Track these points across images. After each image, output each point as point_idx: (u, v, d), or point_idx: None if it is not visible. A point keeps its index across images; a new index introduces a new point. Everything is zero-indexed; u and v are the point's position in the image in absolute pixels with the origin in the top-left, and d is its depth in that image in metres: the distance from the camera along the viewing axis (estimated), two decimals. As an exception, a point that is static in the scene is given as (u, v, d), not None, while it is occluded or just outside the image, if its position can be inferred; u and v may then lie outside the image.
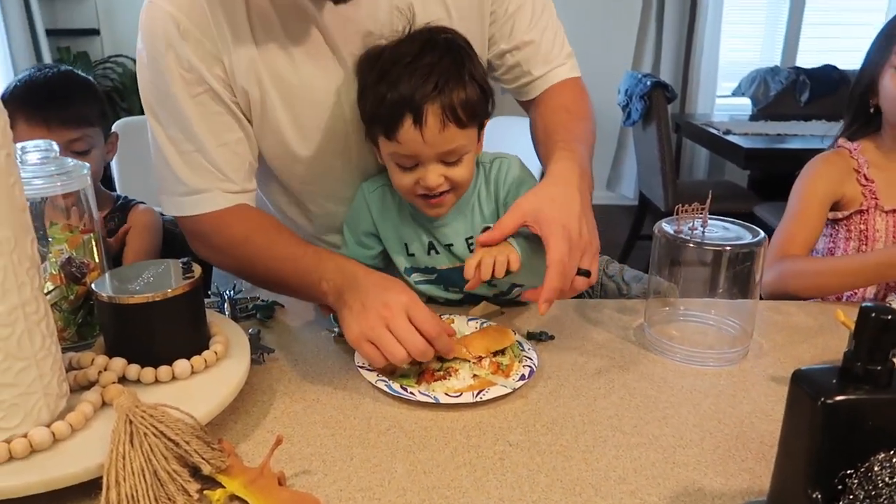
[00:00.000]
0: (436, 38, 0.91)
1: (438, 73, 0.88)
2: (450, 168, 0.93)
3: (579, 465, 0.69)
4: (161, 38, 0.89)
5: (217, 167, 0.94)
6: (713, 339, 0.96)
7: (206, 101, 0.92)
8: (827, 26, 4.21)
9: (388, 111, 0.88)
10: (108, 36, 3.95)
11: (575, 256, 0.80)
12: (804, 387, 0.54)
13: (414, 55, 0.88)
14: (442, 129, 0.88)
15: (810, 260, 1.21)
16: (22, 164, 0.76)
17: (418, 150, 0.90)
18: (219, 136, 0.94)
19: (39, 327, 0.62)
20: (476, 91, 0.91)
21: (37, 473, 0.59)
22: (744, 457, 0.71)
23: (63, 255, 0.79)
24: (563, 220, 0.80)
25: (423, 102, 0.87)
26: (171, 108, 0.92)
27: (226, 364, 0.77)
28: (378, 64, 0.90)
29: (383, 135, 0.91)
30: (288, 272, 0.92)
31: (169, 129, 0.93)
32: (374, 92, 0.90)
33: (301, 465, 0.69)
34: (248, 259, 0.96)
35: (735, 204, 2.99)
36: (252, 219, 0.97)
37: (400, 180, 0.94)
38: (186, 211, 0.97)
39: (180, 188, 0.95)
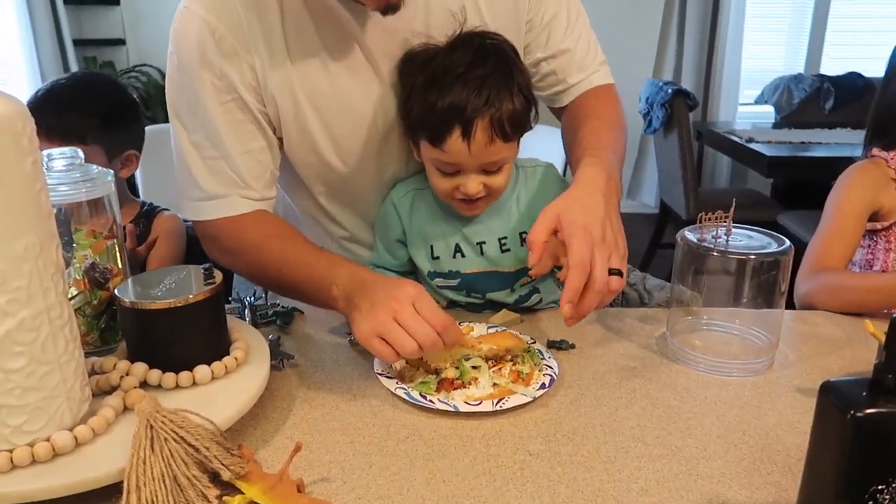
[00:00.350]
0: (487, 46, 0.92)
1: (490, 86, 0.89)
2: (489, 177, 0.95)
3: (601, 476, 0.68)
4: (194, 44, 0.89)
5: (239, 174, 0.95)
6: (737, 349, 0.95)
7: (234, 109, 0.93)
8: (851, 33, 4.16)
9: (436, 120, 0.89)
10: (134, 46, 4.02)
11: (601, 257, 0.78)
12: (833, 399, 0.53)
13: (466, 65, 0.89)
14: (489, 143, 0.90)
15: (849, 275, 1.18)
16: (48, 171, 0.77)
17: (462, 161, 0.92)
18: (243, 144, 0.94)
19: (63, 332, 0.63)
20: (522, 102, 0.92)
21: (59, 477, 0.60)
22: (769, 470, 0.70)
23: (87, 261, 0.80)
24: (585, 222, 0.79)
25: (474, 116, 0.88)
26: (198, 113, 0.92)
27: (246, 370, 0.77)
28: (429, 70, 0.91)
29: (428, 141, 0.92)
30: (300, 278, 0.92)
31: (193, 135, 0.94)
32: (422, 98, 0.90)
33: (320, 472, 0.69)
34: (261, 264, 0.96)
35: (758, 213, 2.95)
36: (267, 224, 0.98)
37: (439, 184, 0.96)
38: (204, 216, 0.97)
39: (199, 193, 0.96)
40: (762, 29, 4.12)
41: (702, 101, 4.05)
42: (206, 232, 1.00)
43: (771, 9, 4.15)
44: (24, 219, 0.59)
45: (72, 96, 1.28)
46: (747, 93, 4.11)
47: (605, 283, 0.77)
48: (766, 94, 3.90)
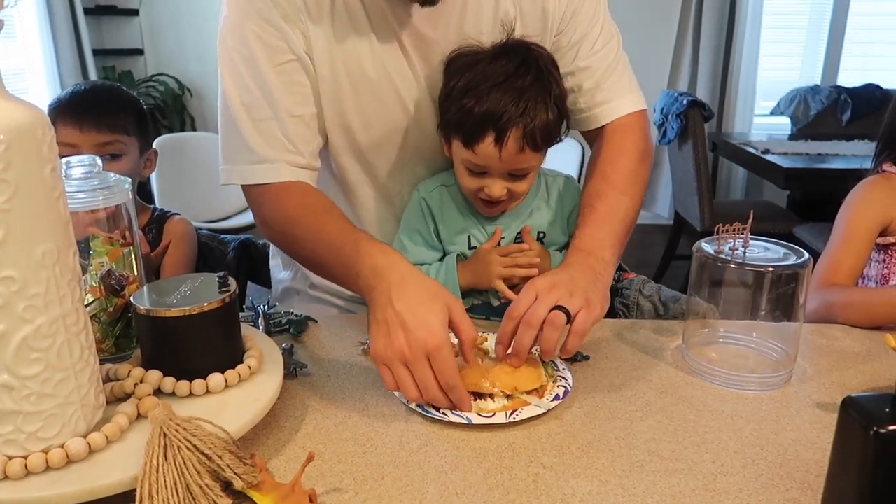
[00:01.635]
0: (530, 58, 0.95)
1: (528, 98, 0.92)
2: (514, 182, 0.99)
3: (615, 490, 0.68)
4: (250, 4, 0.92)
5: (289, 137, 0.96)
6: (755, 362, 0.93)
7: (290, 71, 0.95)
8: (869, 45, 4.12)
9: (472, 124, 0.93)
10: (152, 55, 4.07)
11: (547, 298, 0.80)
12: (855, 415, 0.52)
13: (507, 75, 0.92)
14: (520, 151, 0.94)
15: (860, 291, 1.17)
16: (66, 178, 0.78)
17: (491, 165, 0.96)
18: (296, 107, 0.96)
19: (79, 339, 0.63)
20: (556, 115, 0.96)
21: (72, 484, 0.60)
22: (788, 486, 0.69)
23: (103, 268, 0.81)
24: (537, 282, 0.83)
25: (509, 125, 0.91)
26: (252, 73, 0.94)
27: (259, 379, 0.77)
28: (470, 75, 0.94)
29: (461, 142, 0.96)
30: (331, 261, 0.91)
31: (245, 95, 0.95)
32: (461, 101, 0.93)
33: (332, 482, 0.68)
34: (296, 240, 0.97)
35: (774, 225, 2.93)
36: (307, 197, 0.97)
37: (465, 182, 1.01)
38: (249, 179, 0.98)
39: (247, 156, 0.97)
40: (779, 40, 4.10)
41: (717, 111, 4.03)
42: (251, 198, 1.01)
43: (788, 19, 4.13)
44: (42, 225, 0.59)
45: (111, 95, 1.35)
46: (763, 104, 4.09)
47: (537, 317, 0.79)
48: (782, 106, 3.88)
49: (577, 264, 0.89)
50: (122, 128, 1.28)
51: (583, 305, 0.81)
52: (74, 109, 1.25)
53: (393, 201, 1.13)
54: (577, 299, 0.81)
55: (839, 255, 1.19)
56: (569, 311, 0.80)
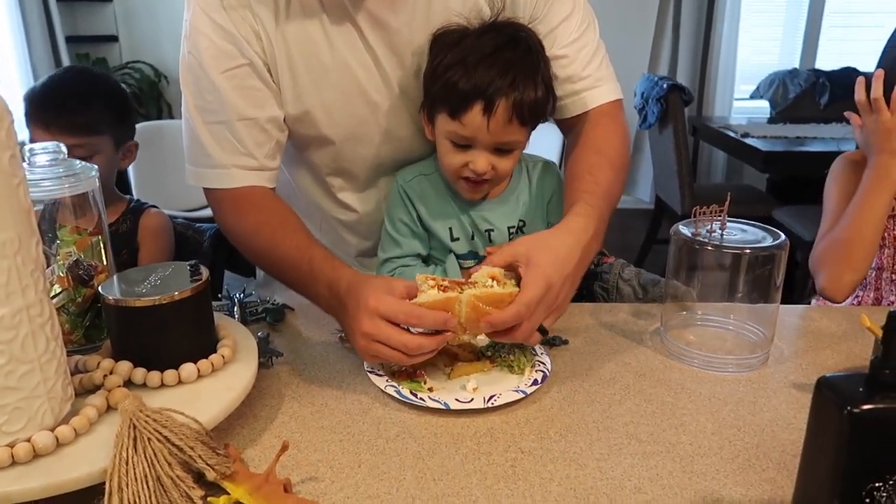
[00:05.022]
0: (519, 36, 0.95)
1: (517, 70, 0.91)
2: (499, 158, 0.97)
3: (593, 473, 0.67)
4: (203, 8, 0.92)
5: (240, 141, 0.96)
6: (732, 344, 0.94)
7: (241, 75, 0.94)
8: (847, 28, 4.15)
9: (460, 93, 0.91)
10: (127, 42, 3.99)
11: (541, 313, 0.78)
12: (829, 394, 0.52)
13: (495, 48, 0.92)
14: (507, 122, 0.93)
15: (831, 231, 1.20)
16: (30, 166, 0.76)
17: (478, 136, 0.94)
18: (248, 111, 0.95)
19: (44, 330, 0.62)
20: (544, 93, 0.95)
21: (40, 478, 0.58)
22: (765, 466, 0.69)
23: (71, 258, 0.79)
24: (551, 274, 0.79)
25: (498, 94, 0.90)
26: (203, 77, 0.94)
27: (233, 368, 0.76)
28: (458, 49, 0.93)
29: (448, 114, 0.94)
30: (288, 277, 0.94)
31: (198, 99, 0.95)
32: (448, 74, 0.92)
33: (308, 471, 0.68)
34: (255, 251, 0.98)
35: (753, 208, 2.94)
36: (263, 210, 0.97)
37: (450, 159, 0.98)
38: (205, 182, 0.99)
39: (204, 159, 0.97)
40: (757, 24, 4.11)
41: (697, 96, 4.04)
42: (210, 201, 1.02)
43: (766, 3, 4.13)
44: (2, 214, 0.57)
45: (81, 89, 1.28)
46: (743, 88, 4.10)
47: (525, 337, 0.78)
48: (761, 89, 3.90)
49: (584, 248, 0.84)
50: (91, 129, 1.23)
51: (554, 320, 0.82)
52: (44, 110, 1.22)
53: (370, 193, 1.11)
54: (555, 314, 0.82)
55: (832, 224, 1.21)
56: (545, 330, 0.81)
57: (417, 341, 0.76)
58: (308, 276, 0.88)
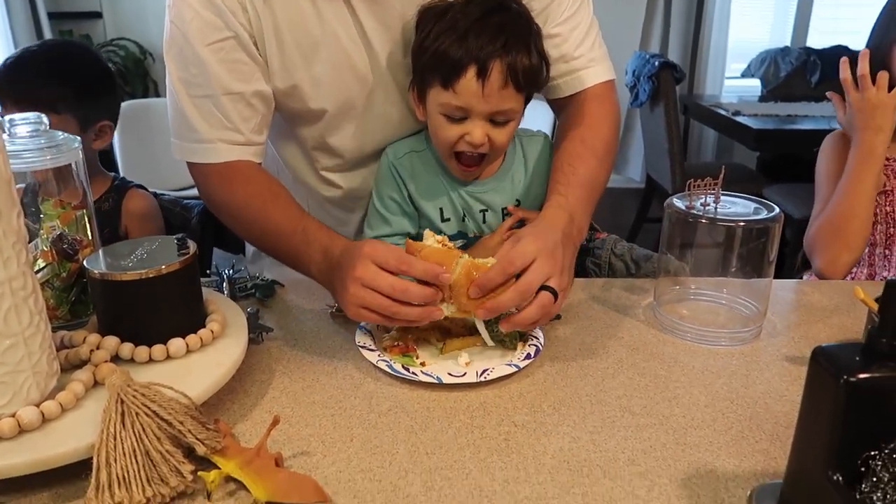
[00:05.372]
0: (507, 3, 0.93)
1: (508, 33, 0.89)
2: (495, 129, 0.94)
3: (587, 446, 0.67)
4: None
5: (226, 115, 0.93)
6: (725, 318, 0.93)
7: (227, 48, 0.91)
8: (838, 6, 4.13)
9: (452, 60, 0.89)
10: (111, 18, 3.91)
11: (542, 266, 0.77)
12: (825, 364, 0.52)
13: (484, 13, 0.90)
14: (503, 86, 0.90)
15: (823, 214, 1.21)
16: (11, 137, 0.74)
17: (473, 104, 0.91)
18: (234, 84, 0.93)
19: (27, 304, 0.60)
20: (538, 60, 0.93)
21: (26, 454, 0.57)
22: (757, 438, 0.69)
23: (55, 232, 0.77)
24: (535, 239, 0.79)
25: (491, 57, 0.88)
26: (188, 50, 0.91)
27: (223, 343, 0.75)
28: (445, 19, 0.90)
29: (440, 84, 0.91)
30: (280, 247, 0.93)
31: (181, 72, 0.93)
32: (437, 42, 0.90)
33: (299, 445, 0.67)
34: (245, 223, 0.97)
35: (744, 186, 2.94)
36: (253, 182, 0.96)
37: (445, 133, 0.95)
38: (191, 157, 0.97)
39: (189, 134, 0.95)
40: (749, 2, 4.08)
41: (688, 73, 4.02)
42: (196, 175, 0.99)
43: (758, -19, 4.11)
44: (-20, 184, 0.56)
45: (43, 65, 1.24)
46: (734, 66, 4.08)
47: (532, 289, 0.76)
48: (752, 67, 3.89)
49: (564, 229, 0.84)
50: (51, 106, 1.17)
51: (566, 288, 0.79)
52: (10, 84, 1.18)
53: (356, 172, 1.09)
54: (565, 279, 0.79)
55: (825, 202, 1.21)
56: (556, 292, 0.77)
57: (404, 284, 0.75)
58: (302, 245, 0.88)
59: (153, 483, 0.57)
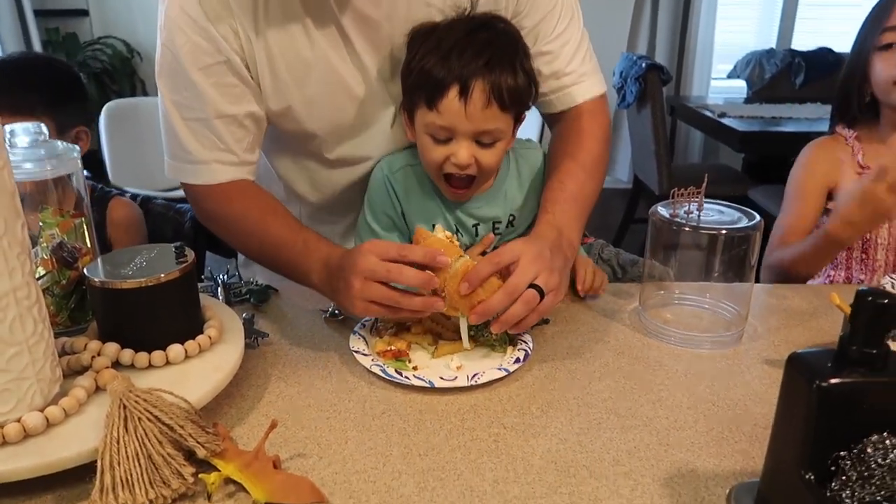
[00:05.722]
0: (494, 23, 0.93)
1: (492, 51, 0.89)
2: (482, 150, 0.93)
3: (574, 447, 0.70)
4: (180, 5, 0.89)
5: (219, 137, 0.94)
6: (708, 322, 0.96)
7: (219, 73, 0.92)
8: (822, 8, 4.18)
9: (435, 79, 0.89)
10: (98, 17, 3.89)
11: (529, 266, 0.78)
12: (799, 370, 0.54)
13: (469, 31, 0.90)
14: (485, 105, 0.89)
15: (787, 248, 1.21)
16: (11, 148, 0.75)
17: (456, 124, 0.90)
18: (226, 107, 0.94)
19: (31, 312, 0.62)
20: (524, 80, 0.92)
21: (31, 458, 0.59)
22: (737, 438, 0.72)
23: (54, 240, 0.79)
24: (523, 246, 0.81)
25: (473, 76, 0.88)
26: (180, 74, 0.92)
27: (220, 348, 0.77)
28: (432, 37, 0.91)
29: (425, 103, 0.91)
30: (279, 258, 0.94)
31: (174, 94, 0.93)
32: (423, 61, 0.90)
33: (296, 448, 0.69)
34: (242, 236, 0.98)
35: (730, 187, 2.99)
36: (249, 197, 0.97)
37: (430, 154, 0.94)
38: (185, 178, 0.98)
39: (183, 155, 0.96)
40: (735, 3, 4.13)
41: (675, 75, 4.06)
42: (191, 194, 1.00)
43: (744, -17, 4.16)
44: (-14, 197, 0.57)
45: (17, 72, 1.27)
46: (720, 67, 4.13)
47: (519, 289, 0.77)
48: (738, 69, 3.93)
49: (553, 242, 0.86)
50: (26, 109, 1.18)
51: (556, 287, 0.80)
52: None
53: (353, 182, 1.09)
54: (554, 278, 0.80)
55: (791, 219, 1.23)
56: (543, 291, 0.78)
57: (401, 266, 0.77)
58: (302, 255, 0.89)
59: (156, 485, 0.59)
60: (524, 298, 0.77)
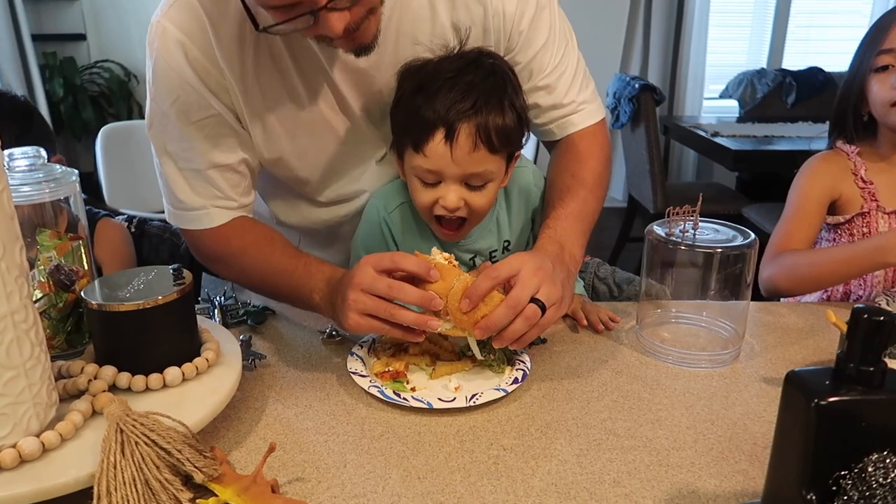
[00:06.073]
0: (483, 60, 0.90)
1: (478, 92, 0.86)
2: (471, 192, 0.91)
3: (573, 468, 0.69)
4: (168, 63, 0.88)
5: (216, 186, 0.94)
6: (705, 340, 0.96)
7: (211, 125, 0.92)
8: (812, 28, 4.24)
9: (420, 122, 0.87)
10: (95, 41, 3.92)
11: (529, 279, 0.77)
12: (798, 388, 0.54)
13: (456, 70, 0.88)
14: (472, 149, 0.87)
15: (805, 252, 1.20)
16: (9, 171, 0.75)
17: (443, 168, 0.88)
18: (221, 157, 0.94)
19: (28, 336, 0.62)
20: (513, 119, 0.89)
21: (26, 484, 0.58)
22: (737, 458, 0.71)
23: (52, 263, 0.78)
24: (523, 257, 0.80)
25: (458, 119, 0.85)
26: (171, 127, 0.91)
27: (217, 371, 0.77)
28: (419, 76, 0.89)
29: (411, 146, 0.89)
30: (282, 285, 0.93)
31: (170, 145, 0.93)
32: (409, 102, 0.89)
33: (294, 472, 0.68)
34: (244, 271, 0.98)
35: (724, 205, 3.00)
36: (248, 232, 0.97)
37: (420, 197, 0.93)
38: (184, 224, 0.98)
39: (178, 203, 0.96)
40: (726, 24, 4.19)
41: (668, 95, 4.10)
42: (189, 239, 1.00)
43: (734, 4, 4.21)
44: (-15, 221, 0.57)
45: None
46: (712, 87, 4.17)
47: (521, 303, 0.76)
48: (730, 89, 3.97)
49: (555, 255, 0.85)
50: None
51: (558, 300, 0.79)
52: None
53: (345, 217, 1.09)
54: (557, 290, 0.79)
55: (791, 225, 1.22)
56: (544, 305, 0.77)
57: (401, 283, 0.77)
58: (304, 278, 0.89)
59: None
60: (525, 314, 0.76)
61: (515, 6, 0.95)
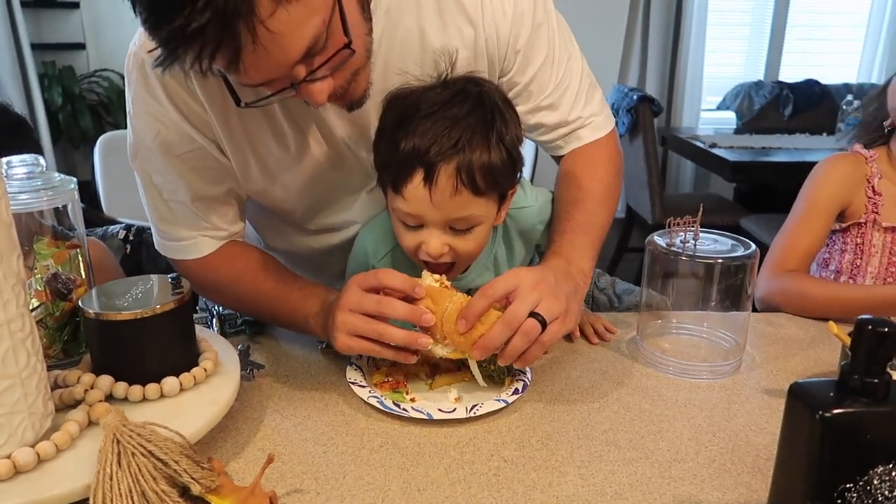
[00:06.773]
0: (469, 89, 0.82)
1: (462, 128, 0.78)
2: (457, 237, 0.83)
3: (575, 480, 0.69)
4: (148, 97, 0.85)
5: (204, 217, 0.93)
6: (706, 351, 0.96)
7: (197, 157, 0.89)
8: (809, 41, 4.27)
9: (398, 162, 0.79)
10: (94, 50, 3.93)
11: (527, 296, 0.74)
12: (802, 400, 0.54)
13: (440, 104, 0.80)
14: (454, 193, 0.78)
15: (810, 282, 1.15)
16: (8, 179, 0.75)
17: (423, 212, 0.81)
18: (207, 189, 0.92)
19: (25, 345, 0.61)
20: (501, 156, 0.80)
21: (21, 495, 0.58)
22: (739, 470, 0.71)
23: (49, 271, 0.78)
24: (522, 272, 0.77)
25: (438, 159, 0.77)
26: (156, 161, 0.89)
27: (215, 381, 0.76)
28: (402, 106, 0.82)
29: (391, 187, 0.82)
30: (278, 312, 0.92)
31: (156, 176, 0.91)
32: (389, 137, 0.81)
33: (293, 483, 0.68)
34: (238, 298, 0.96)
35: (722, 216, 3.01)
36: (239, 259, 0.95)
37: (403, 241, 0.87)
38: (173, 255, 0.96)
39: (168, 234, 0.94)
40: (723, 36, 4.21)
41: (666, 107, 4.12)
42: (180, 267, 0.97)
43: (731, 17, 4.24)
44: (-18, 229, 0.57)
45: None
46: (709, 99, 4.19)
47: (518, 319, 0.73)
48: (727, 101, 4.00)
49: (559, 269, 0.82)
50: None
51: (560, 314, 0.76)
52: None
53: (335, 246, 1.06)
54: (559, 304, 0.75)
55: (795, 234, 1.19)
56: (545, 320, 0.74)
57: (389, 299, 0.76)
58: (299, 300, 0.88)
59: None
60: (523, 330, 0.73)
61: (510, 26, 0.90)
